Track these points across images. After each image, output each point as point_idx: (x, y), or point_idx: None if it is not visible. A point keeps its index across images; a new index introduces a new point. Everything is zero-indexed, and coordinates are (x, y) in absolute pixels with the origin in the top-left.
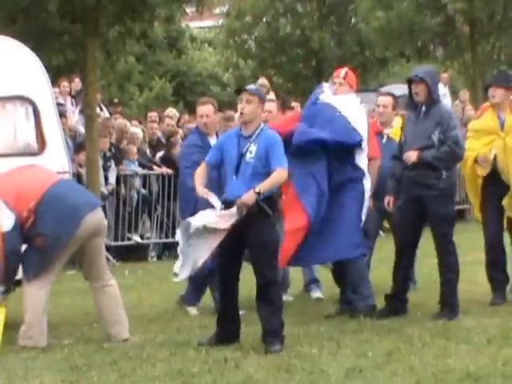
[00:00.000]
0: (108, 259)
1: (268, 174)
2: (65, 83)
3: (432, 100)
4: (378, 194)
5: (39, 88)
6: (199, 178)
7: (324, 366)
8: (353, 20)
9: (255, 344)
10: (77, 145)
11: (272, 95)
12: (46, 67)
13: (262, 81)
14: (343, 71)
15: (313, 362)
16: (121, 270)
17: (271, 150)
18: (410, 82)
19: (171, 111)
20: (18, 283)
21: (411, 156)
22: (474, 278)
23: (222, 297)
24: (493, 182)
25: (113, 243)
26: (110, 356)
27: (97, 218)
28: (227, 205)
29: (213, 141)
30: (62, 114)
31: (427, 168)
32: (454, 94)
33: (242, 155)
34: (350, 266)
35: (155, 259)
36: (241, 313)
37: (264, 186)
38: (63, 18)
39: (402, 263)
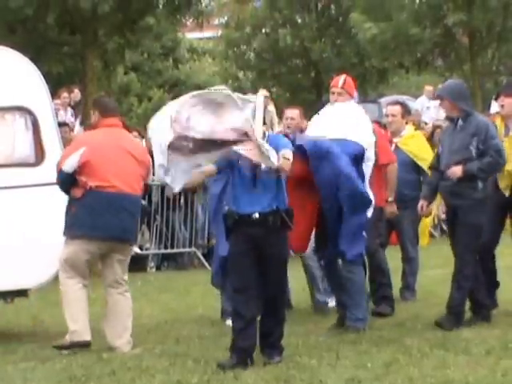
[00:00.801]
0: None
1: (281, 185)
2: (65, 94)
3: (464, 112)
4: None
5: (38, 98)
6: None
7: (323, 377)
8: (352, 31)
9: (254, 355)
10: None
11: (272, 107)
12: (45, 78)
13: (263, 92)
14: (341, 80)
15: (312, 373)
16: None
17: (276, 142)
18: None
19: None
20: (18, 293)
21: (456, 172)
22: None
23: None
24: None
25: None
26: (109, 367)
27: (105, 246)
28: (244, 217)
29: None
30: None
31: (464, 178)
32: None
33: (256, 166)
34: (351, 284)
35: (154, 270)
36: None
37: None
38: (62, 29)
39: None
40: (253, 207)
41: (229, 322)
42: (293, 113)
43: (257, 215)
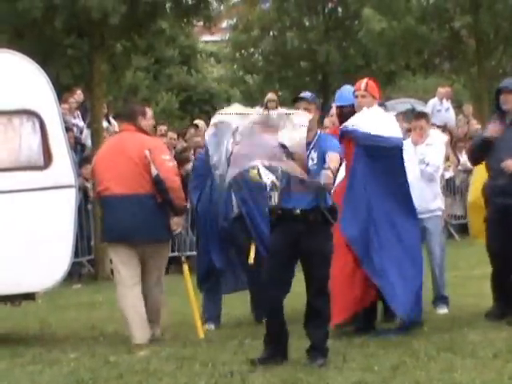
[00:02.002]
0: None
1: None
2: (72, 99)
3: None
4: None
5: (46, 102)
6: None
7: (330, 380)
8: (359, 34)
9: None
10: (83, 158)
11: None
12: (52, 82)
13: (272, 95)
14: (363, 83)
15: (319, 376)
16: None
17: (326, 144)
18: (498, 91)
19: (199, 123)
20: (26, 297)
21: (510, 165)
22: (480, 291)
23: (268, 311)
24: None
25: None
26: (116, 370)
27: (123, 247)
28: (287, 212)
29: None
30: (69, 129)
31: None
32: (460, 108)
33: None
34: None
35: None
36: None
37: (332, 166)
38: (70, 32)
39: (499, 273)
40: (295, 203)
41: (209, 327)
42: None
43: (298, 211)
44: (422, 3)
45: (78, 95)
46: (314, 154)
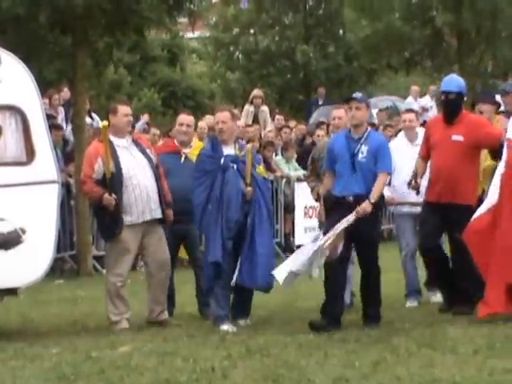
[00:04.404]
0: (96, 269)
1: (374, 172)
2: (55, 96)
3: None
4: None
5: (29, 98)
6: (326, 188)
7: (311, 376)
8: (340, 32)
9: (242, 354)
10: (66, 154)
11: (265, 107)
12: (36, 78)
13: (257, 92)
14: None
15: (300, 372)
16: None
17: (381, 152)
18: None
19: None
20: (8, 292)
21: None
22: None
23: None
24: None
25: (102, 253)
26: (97, 365)
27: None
28: (340, 200)
29: (228, 150)
30: (55, 126)
31: None
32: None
33: (354, 155)
34: None
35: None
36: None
37: (375, 195)
38: (53, 28)
39: None
40: (348, 191)
41: (224, 328)
42: (339, 112)
43: (351, 198)
44: (405, 1)
45: (65, 92)
46: (364, 148)
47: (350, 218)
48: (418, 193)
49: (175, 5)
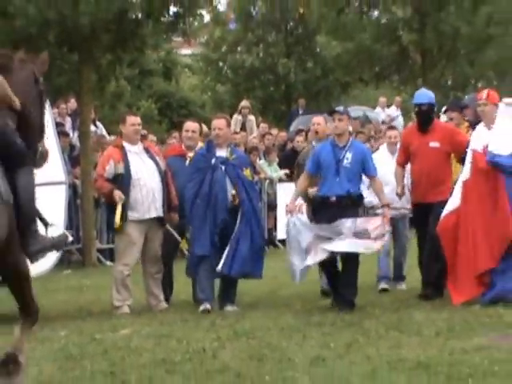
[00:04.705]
0: (100, 260)
1: (360, 175)
2: (63, 105)
3: None
4: None
5: None
6: (301, 187)
7: (291, 356)
8: (318, 49)
9: (230, 336)
10: (73, 158)
11: (252, 116)
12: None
13: (245, 103)
14: (485, 93)
15: (281, 352)
16: (112, 269)
17: (366, 158)
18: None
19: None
20: None
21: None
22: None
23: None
24: None
25: (105, 246)
26: (101, 346)
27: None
28: (324, 199)
29: (221, 153)
30: (63, 133)
31: None
32: (407, 115)
33: (339, 161)
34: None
35: None
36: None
37: (383, 198)
38: (61, 46)
39: None
40: (331, 192)
41: (202, 308)
42: (319, 119)
43: (334, 198)
44: (374, 22)
45: (72, 103)
46: (348, 155)
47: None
48: (400, 198)
49: (170, 26)
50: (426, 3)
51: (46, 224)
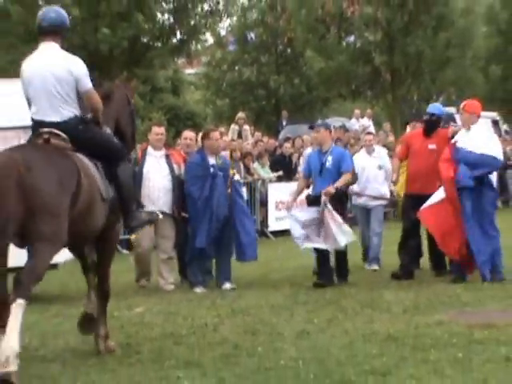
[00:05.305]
0: (117, 249)
1: (340, 173)
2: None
3: None
4: None
5: None
6: (299, 190)
7: (280, 330)
8: (304, 68)
9: (229, 313)
10: None
11: (247, 126)
12: None
13: (241, 114)
14: (464, 103)
15: (272, 327)
16: (127, 257)
17: (343, 158)
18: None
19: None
20: (50, 267)
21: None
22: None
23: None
24: None
25: (122, 237)
26: (119, 322)
27: None
28: (314, 198)
29: (211, 160)
30: None
31: None
32: (379, 125)
33: (323, 164)
34: None
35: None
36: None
37: (339, 184)
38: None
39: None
40: (318, 191)
41: (197, 290)
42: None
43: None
44: (351, 46)
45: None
46: (329, 158)
47: (325, 202)
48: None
49: (176, 49)
50: (394, 30)
51: (141, 206)
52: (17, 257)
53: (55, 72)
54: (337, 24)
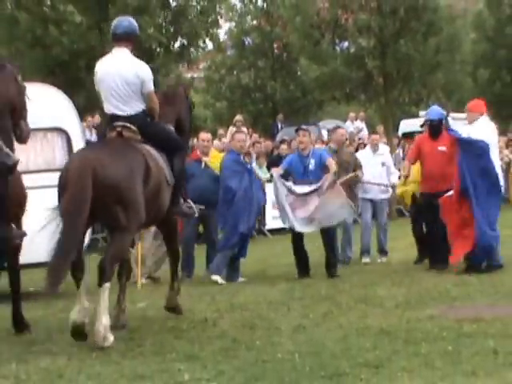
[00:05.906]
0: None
1: (322, 169)
2: (89, 119)
3: None
4: None
5: (71, 122)
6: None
7: (277, 324)
8: (298, 72)
9: (228, 308)
10: None
11: (245, 128)
12: (76, 107)
13: (239, 117)
14: (469, 102)
15: (269, 322)
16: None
17: (323, 156)
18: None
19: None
20: None
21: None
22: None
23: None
24: None
25: None
26: None
27: None
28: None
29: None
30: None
31: None
32: (372, 127)
33: (306, 167)
34: None
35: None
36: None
37: (332, 170)
38: (89, 70)
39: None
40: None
41: (214, 278)
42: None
43: None
44: (345, 51)
45: (97, 118)
46: (312, 161)
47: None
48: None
49: (178, 56)
50: (386, 36)
51: (185, 199)
52: (31, 253)
53: (124, 74)
54: (331, 30)
